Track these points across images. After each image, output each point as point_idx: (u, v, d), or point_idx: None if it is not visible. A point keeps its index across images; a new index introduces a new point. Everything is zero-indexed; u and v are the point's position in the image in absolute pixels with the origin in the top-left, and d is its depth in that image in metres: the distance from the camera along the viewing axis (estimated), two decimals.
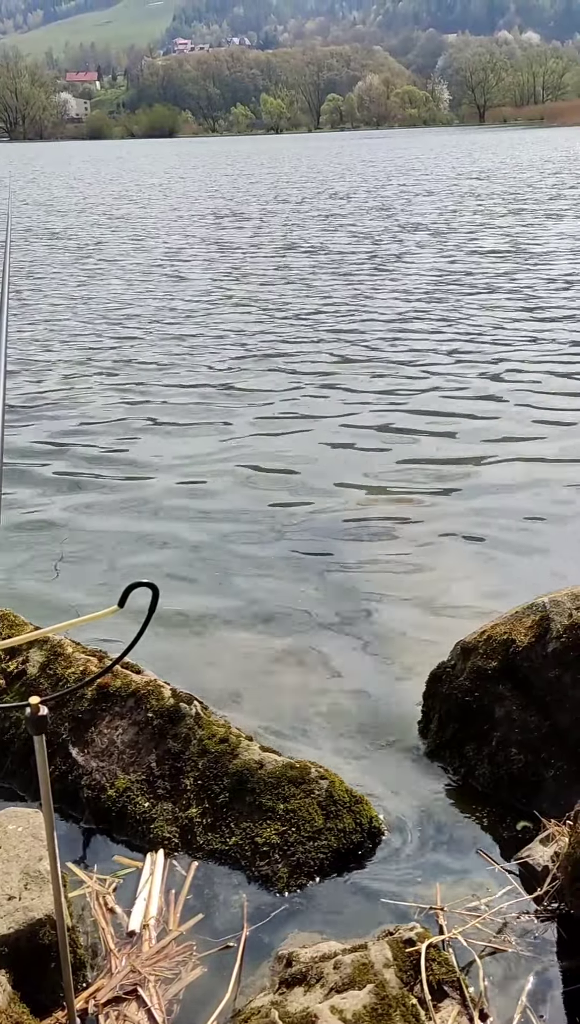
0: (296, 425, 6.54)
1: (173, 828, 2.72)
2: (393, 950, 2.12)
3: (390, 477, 5.55)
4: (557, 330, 9.17)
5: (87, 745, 2.92)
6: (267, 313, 10.71)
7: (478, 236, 16.42)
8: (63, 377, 8.26)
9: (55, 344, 9.60)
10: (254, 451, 6.10)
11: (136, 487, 5.61)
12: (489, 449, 5.97)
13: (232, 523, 5.02)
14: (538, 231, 16.82)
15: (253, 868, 2.60)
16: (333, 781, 2.74)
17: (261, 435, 6.37)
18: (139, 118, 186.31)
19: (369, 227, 18.62)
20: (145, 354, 9.03)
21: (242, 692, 3.50)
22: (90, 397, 7.59)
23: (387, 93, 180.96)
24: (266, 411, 6.95)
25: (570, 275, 12.31)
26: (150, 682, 3.03)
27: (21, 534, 4.98)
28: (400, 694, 3.42)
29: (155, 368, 8.46)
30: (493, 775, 2.90)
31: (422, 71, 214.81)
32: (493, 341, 8.83)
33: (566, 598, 2.93)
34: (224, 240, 17.56)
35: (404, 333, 9.36)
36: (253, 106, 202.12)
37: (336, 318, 10.23)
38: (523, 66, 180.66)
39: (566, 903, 2.31)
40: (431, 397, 7.14)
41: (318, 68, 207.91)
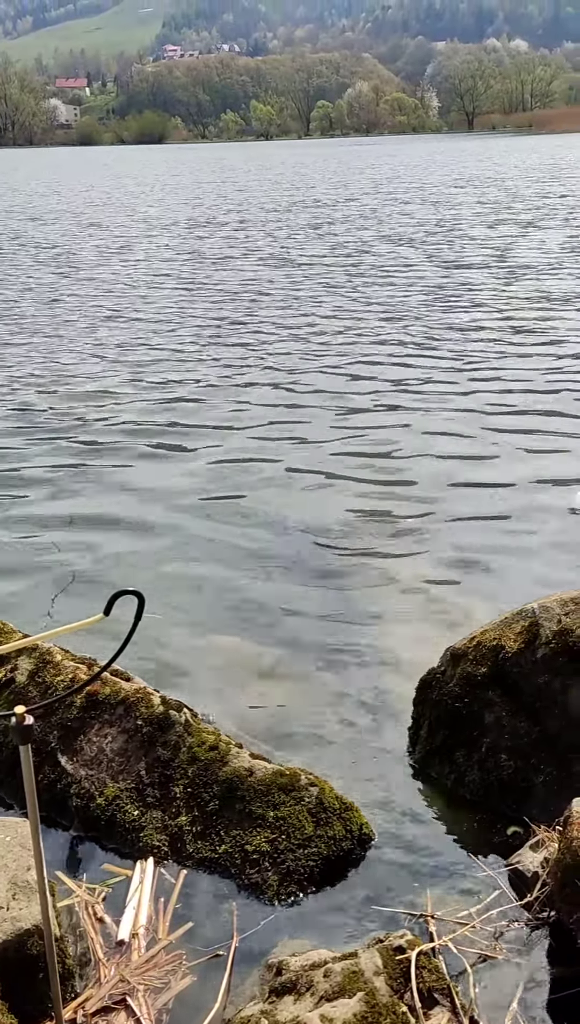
0: (284, 441, 6.52)
1: (163, 836, 2.71)
2: (383, 958, 2.11)
3: (377, 489, 5.54)
4: (536, 346, 9.21)
5: (76, 753, 2.91)
6: (244, 327, 10.72)
7: (459, 248, 16.47)
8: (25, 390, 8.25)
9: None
10: (243, 466, 6.09)
11: (125, 500, 5.59)
12: (475, 461, 5.98)
13: (221, 534, 5.02)
14: (519, 242, 16.89)
15: (243, 876, 2.59)
16: (323, 788, 2.73)
17: (249, 451, 6.34)
18: (129, 124, 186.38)
19: (352, 238, 18.61)
20: (115, 366, 9.02)
21: (232, 699, 3.50)
22: (75, 411, 7.58)
23: (376, 100, 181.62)
24: (254, 428, 6.93)
25: (552, 294, 12.37)
26: (140, 689, 3.02)
27: (8, 543, 4.96)
28: (390, 701, 3.42)
29: (131, 380, 8.46)
30: (483, 781, 2.90)
31: (411, 78, 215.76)
32: (474, 356, 8.86)
33: (555, 604, 2.93)
34: (198, 251, 17.24)
35: (382, 348, 9.38)
36: (243, 113, 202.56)
37: (317, 335, 10.24)
38: (511, 74, 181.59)
39: (556, 909, 2.31)
40: (414, 414, 7.15)
41: (308, 75, 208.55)
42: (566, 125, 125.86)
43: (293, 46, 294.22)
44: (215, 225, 21.91)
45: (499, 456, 5.96)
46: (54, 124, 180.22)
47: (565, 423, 6.54)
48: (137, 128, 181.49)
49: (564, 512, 5.06)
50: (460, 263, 14.30)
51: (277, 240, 18.49)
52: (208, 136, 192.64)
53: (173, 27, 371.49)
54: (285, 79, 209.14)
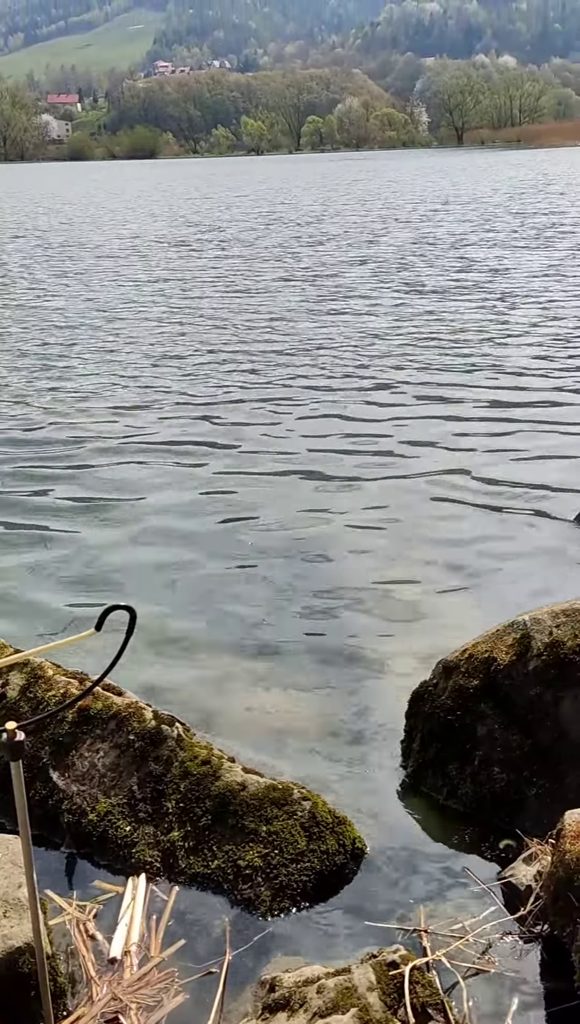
0: (276, 457, 6.53)
1: (155, 852, 2.70)
2: (377, 973, 2.11)
3: (368, 502, 5.55)
4: (531, 357, 9.26)
5: (68, 769, 2.90)
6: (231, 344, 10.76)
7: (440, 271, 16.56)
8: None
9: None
10: (236, 481, 6.09)
11: (117, 514, 5.59)
12: (466, 474, 6.00)
13: (213, 548, 5.01)
14: (505, 263, 16.99)
15: (236, 892, 2.58)
16: (316, 802, 2.73)
17: (239, 466, 6.34)
18: (120, 139, 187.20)
19: (339, 258, 18.71)
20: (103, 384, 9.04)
21: (224, 713, 3.49)
22: (66, 422, 7.58)
23: (366, 115, 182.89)
24: (244, 442, 6.95)
25: (537, 305, 12.46)
26: (132, 704, 3.01)
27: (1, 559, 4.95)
28: (382, 714, 3.42)
29: (126, 398, 8.47)
30: (476, 794, 2.90)
31: (401, 94, 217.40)
32: (465, 366, 8.91)
33: (546, 616, 2.94)
34: (175, 272, 17.01)
35: (369, 366, 9.42)
36: (234, 128, 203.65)
37: (307, 352, 10.28)
38: (500, 89, 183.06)
39: (549, 923, 2.31)
40: (404, 428, 7.18)
41: (298, 91, 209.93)
42: (554, 140, 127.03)
43: (283, 62, 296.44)
44: (194, 244, 21.92)
45: (491, 468, 5.98)
46: (46, 139, 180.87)
47: (557, 434, 6.57)
48: (129, 143, 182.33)
49: (555, 524, 5.08)
50: (434, 286, 14.38)
51: (264, 260, 18.55)
52: (199, 151, 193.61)
53: (164, 43, 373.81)
54: (275, 95, 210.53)
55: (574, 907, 2.16)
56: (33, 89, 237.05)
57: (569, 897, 2.18)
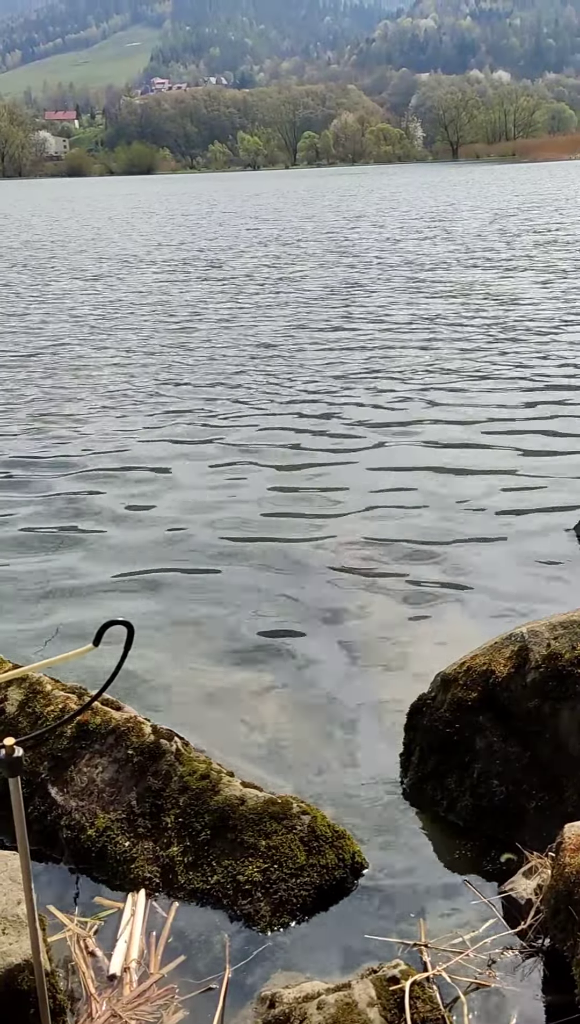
0: (268, 468, 6.54)
1: (154, 867, 2.69)
2: (377, 988, 2.10)
3: (363, 515, 5.55)
4: (512, 371, 9.30)
5: (66, 784, 2.89)
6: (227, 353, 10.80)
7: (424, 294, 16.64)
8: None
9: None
10: (227, 494, 6.10)
11: (112, 527, 5.59)
12: (462, 484, 6.02)
13: (210, 561, 5.02)
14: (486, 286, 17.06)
15: (235, 907, 2.57)
16: (315, 816, 2.72)
17: (231, 479, 6.35)
18: (118, 155, 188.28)
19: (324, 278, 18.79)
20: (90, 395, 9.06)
21: (223, 727, 3.48)
22: (54, 439, 7.60)
23: (362, 130, 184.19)
24: (237, 455, 6.96)
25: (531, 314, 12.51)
26: (130, 719, 3.01)
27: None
28: (381, 727, 3.41)
29: (121, 408, 8.49)
30: (475, 807, 2.89)
31: (396, 109, 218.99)
32: (459, 379, 8.94)
33: (544, 628, 2.94)
34: (155, 292, 16.94)
35: (360, 373, 9.46)
36: (230, 143, 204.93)
37: (299, 370, 10.32)
38: (495, 104, 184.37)
39: (550, 937, 2.30)
40: (398, 436, 7.20)
41: (294, 106, 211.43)
42: (549, 154, 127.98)
43: (279, 78, 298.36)
44: (185, 263, 22.03)
45: (488, 480, 5.99)
46: (44, 156, 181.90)
47: (554, 444, 6.59)
48: (126, 159, 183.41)
49: (553, 534, 5.09)
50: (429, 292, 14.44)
51: (248, 278, 18.63)
52: (196, 167, 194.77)
53: (161, 60, 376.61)
54: (272, 110, 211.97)
55: (574, 921, 2.15)
56: (31, 106, 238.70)
57: (569, 911, 2.18)
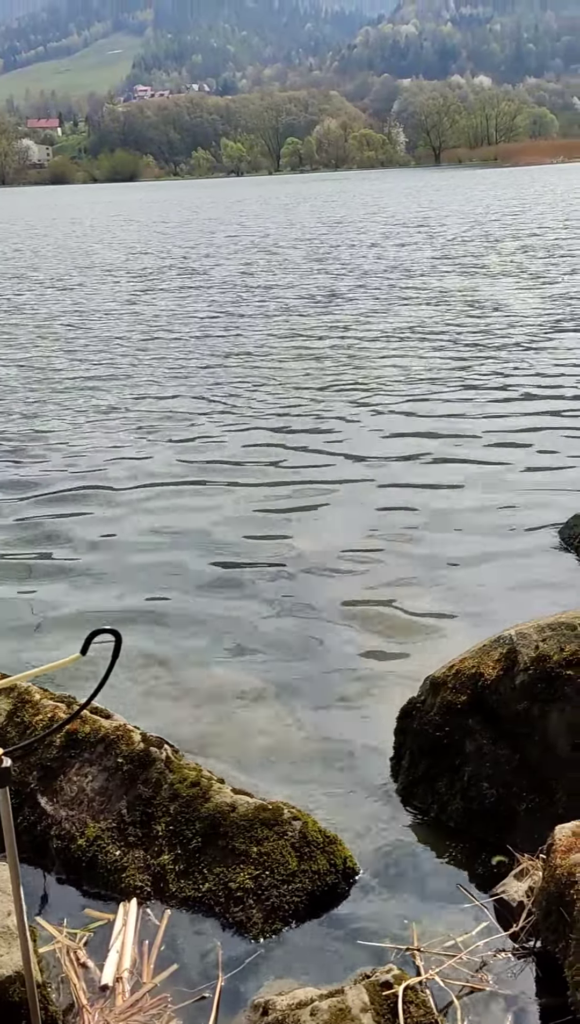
0: (258, 478, 6.54)
1: (145, 876, 2.68)
2: (370, 994, 2.10)
3: (352, 522, 5.55)
4: (498, 380, 9.34)
5: (56, 794, 2.88)
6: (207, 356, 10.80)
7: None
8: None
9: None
10: (218, 502, 6.09)
11: (102, 531, 5.58)
12: (450, 490, 6.04)
13: (199, 565, 5.01)
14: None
15: (227, 914, 2.56)
16: (306, 822, 2.72)
17: (221, 488, 6.34)
18: (101, 163, 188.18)
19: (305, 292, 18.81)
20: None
21: (213, 733, 3.48)
22: (36, 452, 7.58)
23: (345, 136, 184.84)
24: (228, 464, 6.97)
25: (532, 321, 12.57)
26: (119, 727, 2.99)
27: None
28: (372, 731, 3.41)
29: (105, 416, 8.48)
30: (466, 810, 2.90)
31: (378, 115, 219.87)
32: (449, 387, 8.97)
33: (532, 630, 2.95)
34: (135, 302, 17.26)
35: (343, 393, 9.48)
36: (214, 150, 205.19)
37: (280, 380, 10.33)
38: (476, 109, 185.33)
39: (542, 939, 2.31)
40: (386, 445, 7.22)
41: (277, 113, 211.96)
42: (530, 158, 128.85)
43: (262, 85, 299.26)
44: (162, 272, 22.02)
45: (474, 483, 6.01)
46: (27, 164, 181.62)
47: (540, 448, 6.62)
48: (109, 166, 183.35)
49: (540, 537, 5.10)
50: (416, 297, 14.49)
51: (221, 291, 18.64)
52: (180, 173, 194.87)
53: (143, 68, 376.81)
54: (255, 117, 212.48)
55: (566, 922, 2.16)
56: (13, 114, 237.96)
57: (560, 912, 2.18)
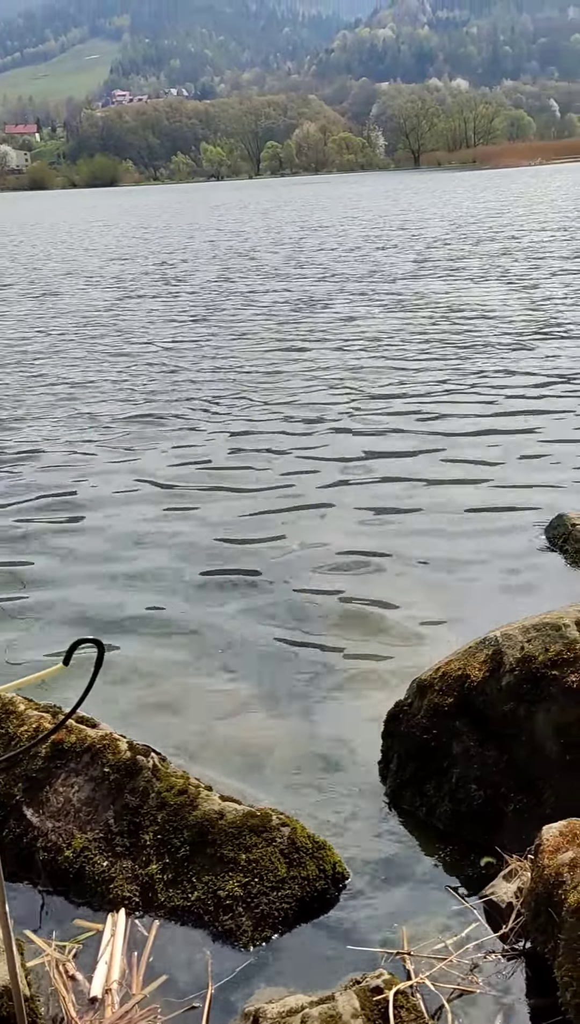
0: (242, 481, 6.54)
1: (133, 887, 2.66)
2: (361, 999, 2.09)
3: (337, 525, 5.55)
4: (481, 380, 9.38)
5: (42, 805, 2.85)
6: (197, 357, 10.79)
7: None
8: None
9: None
10: (204, 506, 6.08)
11: (86, 537, 5.55)
12: (436, 490, 6.05)
13: (181, 572, 4.99)
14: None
15: (217, 923, 2.55)
16: (295, 828, 2.71)
17: (207, 493, 6.33)
18: (80, 168, 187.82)
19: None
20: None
21: (200, 740, 3.46)
22: (31, 449, 7.54)
23: (324, 140, 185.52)
24: (211, 468, 6.96)
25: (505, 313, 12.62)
26: (106, 736, 2.98)
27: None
28: (359, 735, 3.41)
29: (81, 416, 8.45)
30: (454, 812, 2.90)
31: (357, 118, 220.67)
32: (426, 388, 9.00)
33: (517, 631, 2.96)
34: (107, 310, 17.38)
35: (331, 386, 9.49)
36: (194, 154, 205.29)
37: (254, 375, 10.33)
38: (454, 112, 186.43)
39: (531, 940, 2.31)
40: (369, 447, 7.23)
41: (256, 117, 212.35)
42: (509, 160, 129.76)
43: (240, 89, 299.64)
44: (138, 278, 22.00)
45: (461, 487, 6.02)
46: (5, 170, 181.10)
47: (524, 448, 6.64)
48: (88, 172, 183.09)
49: (524, 537, 5.12)
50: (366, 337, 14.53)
51: (194, 296, 18.63)
52: (160, 178, 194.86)
53: (121, 73, 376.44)
54: (234, 121, 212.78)
55: (554, 922, 2.16)
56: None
57: (549, 912, 2.18)
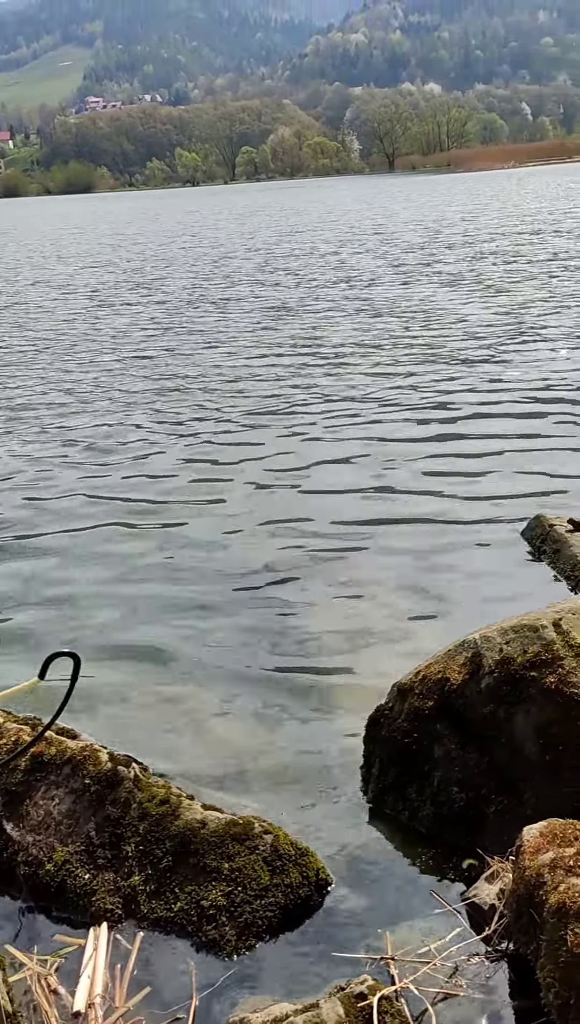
0: (218, 481, 6.54)
1: (116, 899, 2.65)
2: (345, 1006, 2.09)
3: (315, 528, 5.55)
4: (458, 381, 9.43)
5: (22, 819, 2.83)
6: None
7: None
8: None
9: None
10: (182, 506, 6.07)
11: (48, 557, 5.52)
12: (414, 495, 6.07)
13: (158, 580, 4.97)
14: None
15: (200, 933, 2.54)
16: (277, 835, 2.70)
17: (187, 495, 6.32)
18: (55, 175, 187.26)
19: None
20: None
21: (181, 749, 3.45)
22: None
23: (299, 144, 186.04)
24: (192, 472, 6.95)
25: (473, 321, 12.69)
26: (86, 747, 2.96)
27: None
28: (341, 741, 3.41)
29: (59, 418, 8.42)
30: (436, 815, 2.90)
31: (331, 123, 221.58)
32: (398, 389, 9.04)
33: (495, 633, 2.97)
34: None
35: (312, 389, 9.51)
36: (169, 160, 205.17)
37: (226, 381, 10.33)
38: (428, 116, 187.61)
39: (514, 941, 2.31)
40: (348, 449, 7.25)
41: (230, 122, 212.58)
42: (482, 163, 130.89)
43: (214, 94, 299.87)
44: (110, 287, 21.97)
45: (438, 491, 6.04)
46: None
47: (502, 450, 6.67)
48: (63, 178, 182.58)
49: (502, 539, 5.14)
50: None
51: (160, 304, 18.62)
52: (135, 184, 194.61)
53: (94, 79, 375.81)
54: (208, 126, 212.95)
55: (536, 923, 2.17)
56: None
57: (531, 913, 2.19)
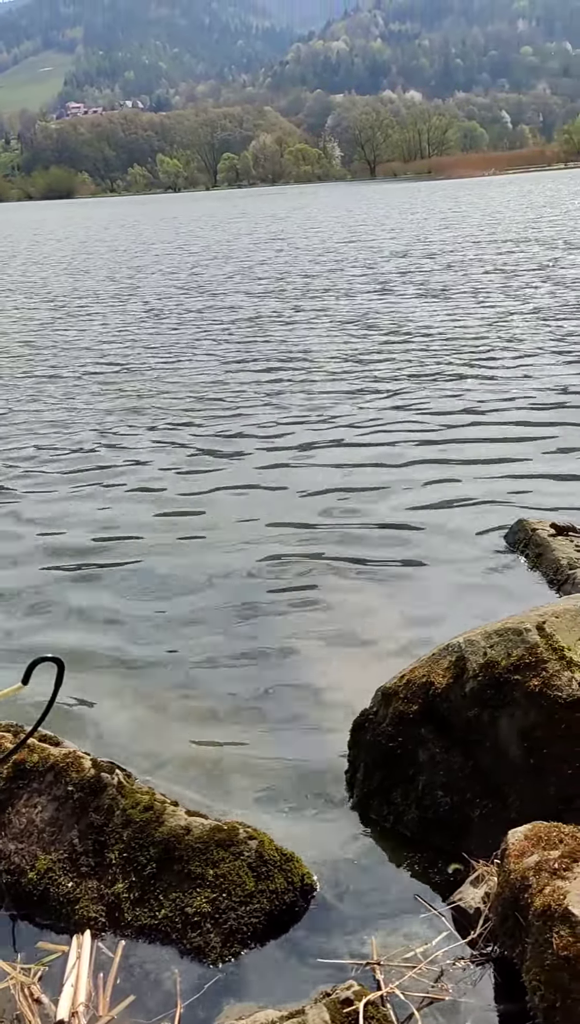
0: (203, 483, 6.54)
1: (99, 907, 2.62)
2: (331, 1012, 2.08)
3: (299, 535, 5.54)
4: (438, 386, 9.47)
5: (4, 827, 2.80)
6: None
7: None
8: None
9: None
10: (162, 517, 6.05)
11: (43, 549, 5.49)
12: (398, 496, 6.08)
13: (144, 582, 4.95)
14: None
15: (185, 941, 2.52)
16: (262, 841, 2.69)
17: (172, 505, 6.31)
18: (36, 180, 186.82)
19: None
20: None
21: (166, 755, 3.43)
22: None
23: (281, 151, 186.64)
24: (176, 483, 6.93)
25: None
26: (69, 754, 2.94)
27: None
28: (326, 746, 3.40)
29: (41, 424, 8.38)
30: (421, 819, 2.90)
31: (312, 129, 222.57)
32: (386, 389, 9.06)
33: (479, 637, 2.98)
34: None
35: (294, 386, 9.52)
36: (150, 166, 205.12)
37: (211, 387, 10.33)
38: (408, 123, 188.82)
39: (499, 945, 2.31)
40: (333, 450, 7.26)
41: (212, 129, 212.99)
42: (463, 171, 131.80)
43: (196, 101, 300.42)
44: (89, 295, 21.93)
45: (422, 495, 6.06)
46: None
47: (486, 454, 6.71)
48: (44, 184, 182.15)
49: (486, 543, 5.16)
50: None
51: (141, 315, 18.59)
52: (117, 190, 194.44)
53: (75, 85, 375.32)
54: (190, 133, 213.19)
55: (521, 927, 2.17)
56: None
57: (516, 917, 2.19)
